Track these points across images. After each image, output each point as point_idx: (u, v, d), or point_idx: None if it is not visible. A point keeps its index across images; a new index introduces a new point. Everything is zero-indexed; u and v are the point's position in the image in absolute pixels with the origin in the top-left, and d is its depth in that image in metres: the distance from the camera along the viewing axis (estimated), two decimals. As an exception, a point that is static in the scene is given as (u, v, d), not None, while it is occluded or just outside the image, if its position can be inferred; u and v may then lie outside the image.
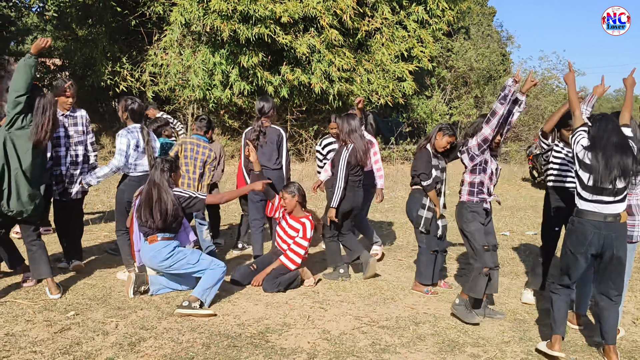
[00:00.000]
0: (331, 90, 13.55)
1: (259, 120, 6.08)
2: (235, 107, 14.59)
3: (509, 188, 14.28)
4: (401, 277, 6.04)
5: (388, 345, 4.21)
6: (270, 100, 6.18)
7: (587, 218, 4.04)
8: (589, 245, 4.02)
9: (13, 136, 4.52)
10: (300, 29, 13.46)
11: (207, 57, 13.44)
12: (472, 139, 4.79)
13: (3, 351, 3.74)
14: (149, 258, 4.90)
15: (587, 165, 4.00)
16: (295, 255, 5.49)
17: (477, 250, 4.78)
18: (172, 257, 4.85)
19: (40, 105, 4.58)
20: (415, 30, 15.14)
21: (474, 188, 4.83)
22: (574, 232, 4.11)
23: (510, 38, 25.89)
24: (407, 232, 8.42)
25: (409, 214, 5.58)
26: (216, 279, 4.82)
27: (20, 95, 4.48)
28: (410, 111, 18.07)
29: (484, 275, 4.75)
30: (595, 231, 4.00)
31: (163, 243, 4.86)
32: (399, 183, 13.35)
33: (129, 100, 5.56)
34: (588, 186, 4.02)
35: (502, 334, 4.58)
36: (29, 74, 4.49)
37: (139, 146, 5.44)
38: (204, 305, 4.71)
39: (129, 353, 3.82)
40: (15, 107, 4.50)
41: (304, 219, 5.58)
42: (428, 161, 5.38)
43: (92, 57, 15.10)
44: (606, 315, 4.15)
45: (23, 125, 4.54)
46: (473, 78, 19.75)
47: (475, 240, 4.78)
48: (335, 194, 5.66)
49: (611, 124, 4.03)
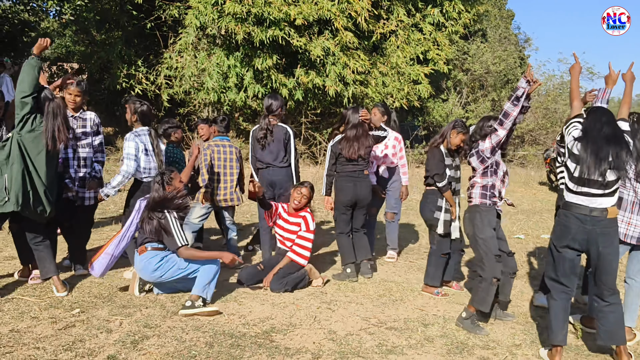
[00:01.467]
0: (346, 93, 13.50)
1: (266, 118, 6.03)
2: (249, 110, 14.61)
3: (526, 192, 14.08)
4: (411, 279, 5.94)
5: (395, 347, 4.12)
6: (279, 99, 6.13)
7: (572, 211, 3.91)
8: (572, 240, 3.89)
9: (23, 139, 4.52)
10: (315, 31, 13.45)
11: (222, 60, 13.48)
12: (484, 141, 4.66)
13: (7, 347, 3.73)
14: (141, 270, 4.84)
15: (575, 155, 3.88)
16: (302, 249, 5.44)
17: (489, 259, 4.57)
18: (161, 267, 4.77)
19: (50, 110, 4.58)
20: (431, 32, 15.07)
21: (486, 191, 4.70)
22: (558, 224, 4.01)
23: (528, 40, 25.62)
24: (420, 235, 8.32)
25: (423, 215, 5.48)
26: (213, 273, 4.74)
27: (25, 96, 4.48)
28: (426, 114, 17.95)
29: (493, 286, 4.58)
30: (579, 225, 3.86)
31: (152, 253, 4.81)
32: (413, 187, 13.19)
33: (138, 103, 5.52)
34: (574, 177, 3.90)
35: (513, 337, 4.46)
36: (32, 74, 4.49)
37: (148, 150, 5.41)
38: (207, 300, 4.66)
39: (131, 351, 3.78)
40: (22, 108, 4.50)
41: (303, 213, 5.54)
42: (441, 160, 5.26)
43: (109, 60, 15.24)
44: (602, 317, 3.99)
45: (33, 128, 4.54)
46: (490, 81, 19.56)
47: (489, 249, 4.58)
48: (323, 183, 5.89)
49: (605, 116, 3.90)
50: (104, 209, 8.68)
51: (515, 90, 4.53)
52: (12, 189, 4.45)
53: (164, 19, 15.09)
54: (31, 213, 4.60)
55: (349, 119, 5.80)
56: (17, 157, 4.48)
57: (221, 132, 6.42)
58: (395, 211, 6.68)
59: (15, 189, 4.46)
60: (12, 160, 4.47)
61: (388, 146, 6.49)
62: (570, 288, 4.04)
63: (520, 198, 12.94)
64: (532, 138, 18.64)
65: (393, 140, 6.49)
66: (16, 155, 4.48)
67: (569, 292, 4.06)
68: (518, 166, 18.52)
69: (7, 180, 4.45)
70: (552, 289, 4.09)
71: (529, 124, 18.85)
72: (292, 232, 5.55)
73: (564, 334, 3.99)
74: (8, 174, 4.45)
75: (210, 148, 6.21)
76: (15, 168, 4.47)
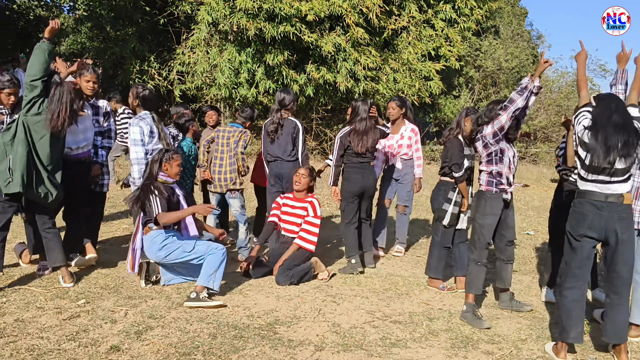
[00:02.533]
0: (357, 89, 13.44)
1: (278, 112, 6.06)
2: (260, 106, 14.60)
3: (537, 189, 13.97)
4: (418, 274, 5.92)
5: (399, 340, 4.10)
6: (291, 92, 6.15)
7: (587, 198, 3.86)
8: (589, 228, 3.83)
9: (28, 121, 4.53)
10: (326, 27, 13.40)
11: (234, 56, 13.47)
12: (488, 126, 4.63)
13: (11, 336, 3.76)
14: (146, 249, 4.88)
15: (586, 144, 3.84)
16: (309, 234, 5.44)
17: (480, 244, 4.66)
18: (166, 247, 4.78)
19: (56, 93, 4.58)
20: (443, 29, 14.95)
21: (492, 178, 4.66)
22: (574, 213, 3.94)
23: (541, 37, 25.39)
24: (428, 231, 8.28)
25: (432, 205, 5.50)
26: (218, 263, 4.72)
27: (35, 80, 4.51)
28: (437, 111, 17.86)
29: (480, 268, 4.64)
30: (595, 212, 3.81)
31: (155, 232, 4.83)
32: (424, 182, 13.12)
33: (140, 88, 5.54)
34: (586, 165, 3.85)
35: (518, 332, 4.43)
36: (43, 58, 4.51)
37: (153, 132, 5.40)
38: (214, 289, 4.66)
39: (134, 341, 3.80)
40: (32, 90, 4.52)
41: (309, 199, 5.54)
42: (460, 150, 5.22)
43: (122, 56, 15.31)
44: (612, 314, 3.91)
45: (39, 112, 4.55)
46: (502, 78, 19.42)
47: (483, 235, 4.64)
48: (331, 172, 5.90)
49: (615, 103, 3.85)
50: (115, 202, 8.72)
51: (521, 79, 4.51)
52: (17, 170, 4.47)
53: (177, 15, 15.12)
54: (36, 196, 4.62)
55: (358, 110, 5.82)
56: (22, 139, 4.50)
57: (237, 119, 6.41)
58: (407, 204, 6.66)
59: (19, 170, 4.47)
60: (17, 142, 4.50)
61: (404, 137, 6.46)
62: (582, 282, 3.98)
63: (532, 195, 12.83)
64: (544, 135, 18.47)
65: (409, 132, 6.47)
66: (21, 137, 4.50)
67: (581, 286, 3.98)
68: (530, 163, 18.37)
69: (12, 161, 4.47)
70: (563, 282, 4.04)
71: (541, 121, 18.69)
72: (299, 216, 5.54)
73: (579, 332, 3.90)
74: (13, 155, 4.48)
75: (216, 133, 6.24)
76: (20, 149, 4.49)
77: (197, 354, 3.66)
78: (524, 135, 5.53)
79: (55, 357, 3.49)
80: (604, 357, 4.06)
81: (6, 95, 4.90)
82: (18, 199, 4.67)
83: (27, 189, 4.53)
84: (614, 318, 3.91)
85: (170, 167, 4.96)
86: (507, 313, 4.85)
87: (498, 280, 4.94)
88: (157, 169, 4.94)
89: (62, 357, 3.50)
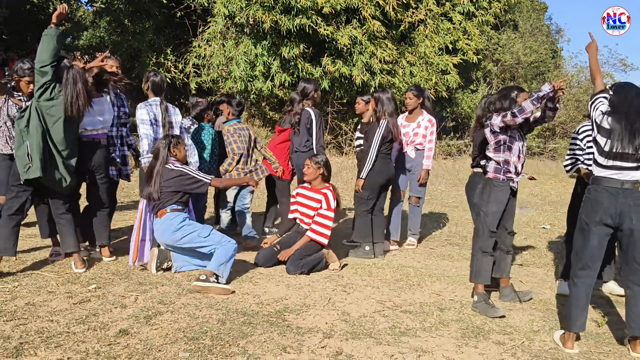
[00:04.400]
0: (372, 82, 13.39)
1: (300, 102, 6.09)
2: (276, 99, 14.60)
3: (555, 184, 13.80)
4: (430, 265, 5.87)
5: (408, 329, 4.06)
6: (311, 82, 6.22)
7: (603, 185, 3.78)
8: (604, 214, 3.75)
9: (41, 106, 4.55)
10: (342, 20, 13.35)
11: (249, 49, 13.48)
12: (497, 116, 4.53)
13: (21, 319, 3.79)
14: (161, 233, 4.91)
15: (606, 129, 3.76)
16: (322, 227, 5.40)
17: (484, 232, 4.57)
18: (183, 229, 4.83)
19: (70, 77, 4.60)
20: (460, 22, 14.83)
21: (500, 166, 4.58)
22: (589, 200, 3.86)
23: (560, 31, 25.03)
24: (442, 224, 8.23)
25: (469, 198, 5.47)
26: (229, 255, 4.76)
27: (44, 65, 4.52)
28: (455, 105, 17.71)
29: (486, 257, 4.56)
30: (611, 198, 3.73)
31: (173, 214, 4.88)
32: (439, 177, 13.09)
33: (152, 73, 5.63)
34: (605, 151, 3.77)
35: (531, 323, 4.36)
36: (51, 44, 4.52)
37: (157, 120, 5.43)
38: (222, 279, 4.69)
39: (143, 325, 3.81)
40: (42, 76, 4.54)
41: (324, 190, 5.49)
42: None
43: (139, 49, 15.40)
44: (632, 304, 3.83)
45: (52, 97, 4.57)
46: (520, 72, 19.19)
47: (488, 223, 4.55)
48: (366, 166, 5.80)
49: (635, 90, 3.78)
50: (129, 192, 8.79)
51: (538, 91, 4.39)
52: (34, 155, 4.50)
53: (194, 7, 15.17)
54: (52, 182, 4.64)
55: (384, 101, 5.87)
56: (37, 124, 4.52)
57: (235, 115, 6.44)
58: (420, 195, 6.60)
59: (37, 154, 4.50)
60: (32, 128, 4.52)
61: (420, 126, 6.40)
62: (593, 272, 3.91)
63: (549, 190, 12.69)
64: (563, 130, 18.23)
65: (426, 122, 6.40)
66: (35, 123, 4.52)
67: (592, 276, 3.92)
68: (548, 159, 18.16)
69: (29, 146, 4.50)
70: (574, 272, 3.95)
71: (560, 116, 18.44)
72: (312, 208, 5.51)
73: (583, 321, 3.88)
74: (29, 140, 4.51)
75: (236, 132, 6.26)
76: (35, 135, 4.51)
77: (205, 338, 3.65)
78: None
79: (64, 340, 3.50)
80: (618, 349, 3.99)
81: (26, 83, 4.93)
82: (32, 184, 4.71)
83: (44, 174, 4.56)
84: (633, 307, 3.83)
85: (178, 151, 5.04)
86: (520, 305, 4.79)
87: (496, 271, 4.83)
88: (167, 154, 4.99)
89: (71, 339, 3.52)
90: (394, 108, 5.91)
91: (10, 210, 4.67)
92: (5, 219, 4.67)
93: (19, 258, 5.07)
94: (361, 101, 6.68)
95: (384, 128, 5.81)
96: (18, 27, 14.77)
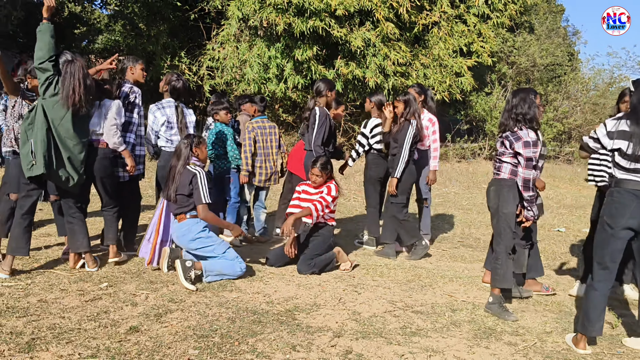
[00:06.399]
0: (386, 84, 13.34)
1: (312, 100, 6.17)
2: (289, 101, 14.61)
3: (571, 187, 13.68)
4: (442, 266, 5.83)
5: (419, 329, 4.03)
6: (326, 81, 6.30)
7: (627, 187, 3.72)
8: (630, 217, 3.68)
9: (47, 103, 4.56)
10: (356, 22, 13.33)
11: (263, 51, 13.50)
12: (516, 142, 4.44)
13: (34, 315, 3.81)
14: (179, 236, 4.89)
15: (626, 132, 3.70)
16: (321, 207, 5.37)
17: (506, 233, 4.50)
18: (200, 240, 4.82)
19: (68, 71, 4.58)
20: (475, 24, 14.73)
21: (515, 168, 4.54)
22: (612, 203, 3.79)
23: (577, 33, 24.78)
24: (455, 226, 8.18)
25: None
26: (228, 272, 4.82)
27: (43, 62, 4.51)
28: (469, 108, 17.59)
29: (510, 261, 4.50)
30: (637, 202, 3.67)
31: (192, 221, 4.85)
32: (453, 180, 13.03)
33: (175, 77, 5.57)
34: (627, 154, 3.71)
35: (544, 325, 4.31)
36: (45, 40, 4.50)
37: (171, 122, 5.44)
38: (202, 279, 4.74)
39: (153, 323, 3.81)
40: (44, 72, 4.54)
41: (328, 183, 5.52)
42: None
43: (153, 52, 15.49)
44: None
45: (56, 92, 4.57)
46: (536, 75, 19.00)
47: (508, 224, 4.49)
48: (399, 166, 5.80)
49: None
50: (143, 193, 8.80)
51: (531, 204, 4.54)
52: (38, 152, 4.50)
53: (207, 10, 15.23)
54: (57, 179, 4.66)
55: (414, 105, 5.93)
56: (41, 121, 4.53)
57: (260, 111, 6.51)
58: (426, 196, 6.56)
59: (41, 151, 4.49)
60: (36, 125, 4.53)
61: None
62: (612, 275, 3.85)
63: (564, 193, 12.57)
64: (579, 134, 18.01)
65: (426, 122, 6.35)
66: (40, 120, 4.53)
67: (611, 279, 3.87)
68: (564, 163, 17.99)
69: (33, 144, 4.51)
70: (595, 275, 3.88)
71: (576, 119, 18.26)
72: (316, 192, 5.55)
73: (601, 325, 3.82)
74: (34, 138, 4.53)
75: (254, 131, 6.30)
76: (39, 132, 4.51)
77: (214, 336, 3.65)
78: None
79: (75, 336, 3.52)
80: (632, 351, 3.92)
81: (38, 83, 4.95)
82: (41, 183, 4.74)
83: (48, 171, 4.57)
84: None
85: (200, 151, 5.02)
86: (533, 306, 4.74)
87: (515, 266, 4.76)
88: (189, 154, 4.96)
89: (82, 336, 3.53)
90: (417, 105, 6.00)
91: (23, 209, 4.69)
92: (19, 219, 4.69)
93: (33, 256, 5.11)
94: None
95: (415, 128, 5.84)
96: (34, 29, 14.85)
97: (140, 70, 5.49)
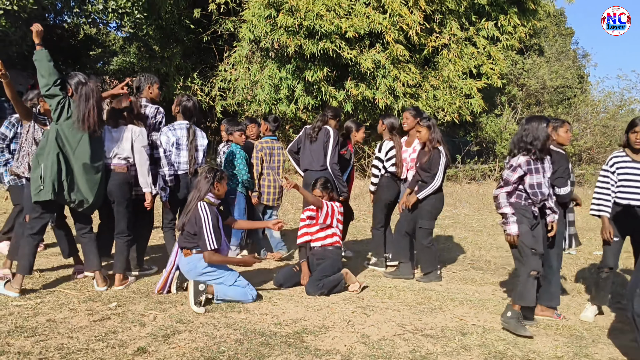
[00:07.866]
0: (395, 105, 13.41)
1: (323, 118, 6.36)
2: (299, 122, 14.70)
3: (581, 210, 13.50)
4: (452, 289, 5.78)
5: (429, 353, 3.99)
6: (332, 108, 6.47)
7: None
8: None
9: (62, 127, 4.61)
10: (366, 44, 13.45)
11: (274, 72, 13.65)
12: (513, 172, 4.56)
13: (42, 335, 3.82)
14: (186, 271, 4.86)
15: None
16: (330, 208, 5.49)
17: (525, 253, 4.53)
18: (208, 274, 4.77)
19: (83, 94, 4.63)
20: (485, 46, 14.81)
21: (522, 192, 4.55)
22: None
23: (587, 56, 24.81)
24: (465, 248, 8.12)
25: None
26: (240, 298, 4.79)
27: (49, 87, 4.56)
28: (479, 129, 17.61)
29: (532, 279, 4.48)
30: None
31: (197, 257, 4.79)
32: (462, 202, 12.97)
33: (185, 97, 5.62)
34: None
35: (555, 349, 4.25)
36: (45, 66, 4.55)
37: (180, 144, 5.45)
38: (212, 301, 4.73)
39: (161, 344, 3.80)
40: (53, 98, 4.58)
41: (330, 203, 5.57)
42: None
43: (166, 73, 15.68)
44: None
45: (69, 116, 4.62)
46: (546, 97, 19.01)
47: (524, 243, 4.51)
48: (427, 190, 5.81)
49: None
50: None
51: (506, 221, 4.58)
52: (47, 177, 4.53)
53: (220, 32, 15.44)
54: (68, 203, 4.68)
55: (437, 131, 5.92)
56: (53, 146, 4.57)
57: (272, 130, 6.58)
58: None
59: (50, 177, 4.53)
60: (47, 149, 4.57)
61: (416, 150, 6.30)
62: None
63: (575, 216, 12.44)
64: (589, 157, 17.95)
65: (419, 144, 6.31)
66: (52, 145, 4.57)
67: None
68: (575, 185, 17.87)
69: (43, 168, 4.55)
70: None
71: (586, 142, 18.20)
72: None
73: None
74: (44, 162, 4.56)
75: (263, 150, 6.38)
76: (50, 156, 4.55)
77: (222, 358, 3.63)
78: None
79: (83, 357, 3.52)
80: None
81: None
82: (51, 208, 4.77)
83: (58, 196, 4.60)
84: None
85: (221, 187, 4.94)
86: (544, 330, 4.68)
87: None
88: (207, 189, 4.87)
89: (90, 356, 3.53)
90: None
91: (32, 230, 4.71)
92: (27, 239, 4.71)
93: (42, 276, 5.12)
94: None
95: (446, 157, 5.86)
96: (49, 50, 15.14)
97: (157, 90, 5.57)
